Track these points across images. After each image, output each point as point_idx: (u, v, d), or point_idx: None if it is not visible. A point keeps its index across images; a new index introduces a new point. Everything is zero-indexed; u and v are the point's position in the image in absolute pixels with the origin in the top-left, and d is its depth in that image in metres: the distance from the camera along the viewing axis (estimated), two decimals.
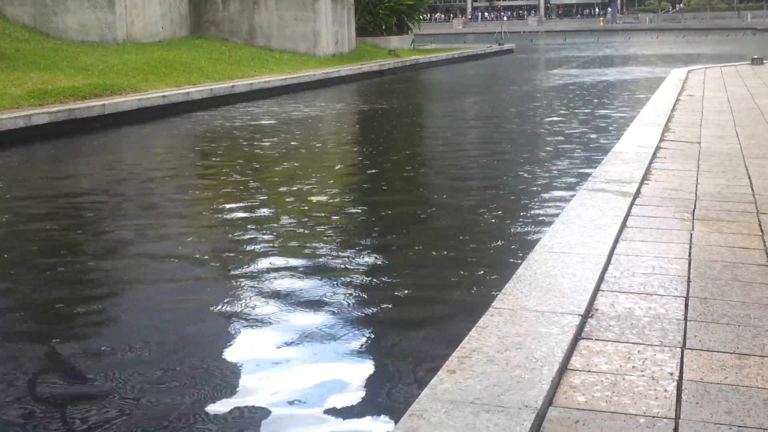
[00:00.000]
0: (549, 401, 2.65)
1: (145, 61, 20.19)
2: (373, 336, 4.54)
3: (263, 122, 15.32)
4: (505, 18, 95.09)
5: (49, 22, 22.48)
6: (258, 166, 10.51)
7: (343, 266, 5.87)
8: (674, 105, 12.01)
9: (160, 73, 19.24)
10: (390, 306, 4.99)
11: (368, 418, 3.61)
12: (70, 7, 22.57)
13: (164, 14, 25.47)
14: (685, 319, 3.40)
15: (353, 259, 6.04)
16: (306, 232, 6.92)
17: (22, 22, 22.19)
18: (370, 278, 5.56)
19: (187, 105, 16.90)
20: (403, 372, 4.04)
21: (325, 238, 6.71)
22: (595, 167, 7.08)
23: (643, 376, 2.85)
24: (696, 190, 6.00)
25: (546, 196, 8.14)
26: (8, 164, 11.17)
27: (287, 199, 8.31)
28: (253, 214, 7.52)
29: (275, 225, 7.14)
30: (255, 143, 12.77)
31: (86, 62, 19.09)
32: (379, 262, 5.98)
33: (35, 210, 8.17)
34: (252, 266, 5.81)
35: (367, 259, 6.06)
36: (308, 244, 6.45)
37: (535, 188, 8.56)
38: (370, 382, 3.94)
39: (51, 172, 10.48)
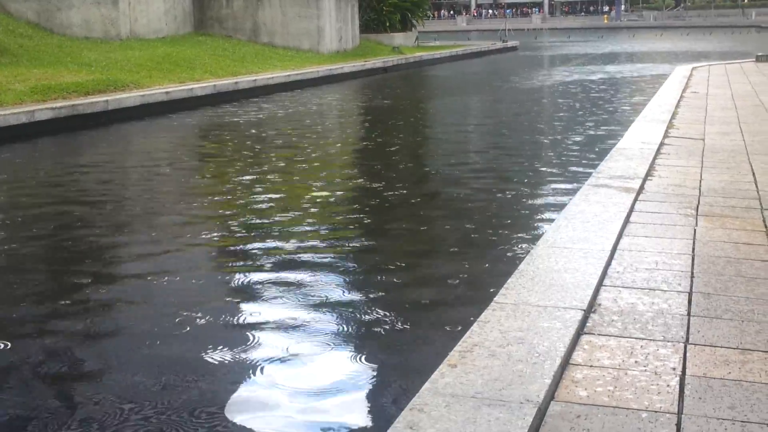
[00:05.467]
0: (551, 396, 2.64)
1: (148, 58, 20.18)
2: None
3: (267, 117, 15.30)
4: (509, 15, 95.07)
5: (53, 18, 22.49)
6: (261, 158, 10.49)
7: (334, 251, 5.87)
8: (678, 102, 11.98)
9: (163, 70, 19.22)
10: (391, 291, 4.99)
11: None
12: (73, 3, 22.58)
13: (168, 11, 25.46)
14: (689, 314, 3.38)
15: (349, 247, 6.04)
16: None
17: (25, 18, 22.20)
18: (368, 268, 5.56)
19: (191, 101, 16.89)
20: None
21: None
22: (599, 163, 7.06)
23: (645, 371, 2.84)
24: (700, 186, 5.98)
25: (549, 191, 8.12)
26: (11, 159, 11.17)
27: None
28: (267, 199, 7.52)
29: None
30: (260, 138, 12.75)
31: (90, 58, 19.08)
32: (376, 254, 5.97)
33: (36, 208, 8.17)
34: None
35: (360, 246, 6.06)
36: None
37: (537, 183, 8.53)
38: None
39: (54, 166, 10.47)
